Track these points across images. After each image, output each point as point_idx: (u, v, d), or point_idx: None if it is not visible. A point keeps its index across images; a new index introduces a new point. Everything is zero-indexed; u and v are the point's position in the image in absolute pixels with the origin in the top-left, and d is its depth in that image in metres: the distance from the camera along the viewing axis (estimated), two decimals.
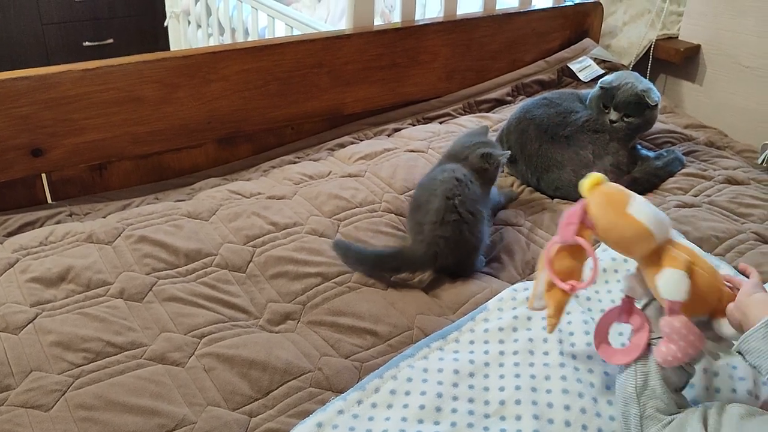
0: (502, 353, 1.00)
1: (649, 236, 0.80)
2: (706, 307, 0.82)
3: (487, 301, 1.11)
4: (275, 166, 1.59)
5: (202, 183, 1.52)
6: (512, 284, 1.17)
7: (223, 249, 1.22)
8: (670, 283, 0.78)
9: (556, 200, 1.44)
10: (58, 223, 1.35)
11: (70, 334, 1.01)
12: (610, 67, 2.03)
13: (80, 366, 0.98)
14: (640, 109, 1.44)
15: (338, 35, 1.65)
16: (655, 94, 1.45)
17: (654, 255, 0.82)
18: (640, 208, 0.81)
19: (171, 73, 1.45)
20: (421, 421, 0.88)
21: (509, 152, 1.31)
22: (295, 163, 1.60)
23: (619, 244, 0.84)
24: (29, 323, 1.04)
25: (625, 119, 1.45)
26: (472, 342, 1.02)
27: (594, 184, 0.86)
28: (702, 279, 0.80)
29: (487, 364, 0.98)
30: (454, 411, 0.90)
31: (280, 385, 0.97)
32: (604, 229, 0.83)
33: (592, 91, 1.51)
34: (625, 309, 0.89)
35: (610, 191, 0.84)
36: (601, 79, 1.49)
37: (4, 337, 1.01)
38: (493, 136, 1.63)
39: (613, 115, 1.45)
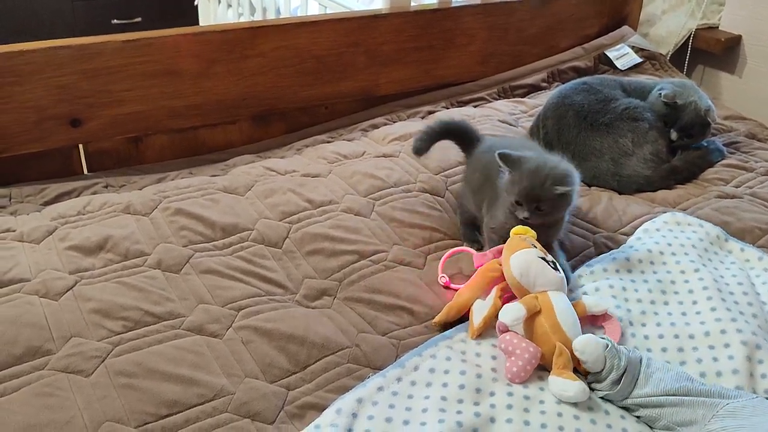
0: None
1: (521, 288, 0.98)
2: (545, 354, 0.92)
3: None
4: (308, 145, 1.59)
5: (236, 159, 1.52)
6: None
7: (259, 224, 1.22)
8: (506, 309, 0.95)
9: (593, 188, 1.42)
10: (94, 193, 1.35)
11: (109, 302, 1.02)
12: (648, 56, 2.00)
13: (119, 334, 0.98)
14: (702, 129, 1.45)
15: (376, 14, 1.64)
16: (715, 111, 1.45)
17: (519, 293, 0.99)
18: (514, 260, 0.98)
19: (210, 47, 1.45)
20: (461, 401, 0.88)
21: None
22: (328, 142, 1.59)
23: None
24: (69, 290, 1.04)
25: (686, 138, 1.45)
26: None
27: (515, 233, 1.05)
28: (539, 328, 0.93)
29: None
30: (492, 394, 0.89)
31: (318, 360, 0.97)
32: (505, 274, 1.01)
33: (654, 100, 1.48)
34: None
35: (507, 247, 1.02)
36: (663, 92, 1.46)
37: (44, 303, 1.01)
38: (528, 122, 1.62)
39: (674, 135, 1.45)
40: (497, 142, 1.25)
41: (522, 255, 0.98)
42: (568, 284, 1.01)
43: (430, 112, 1.73)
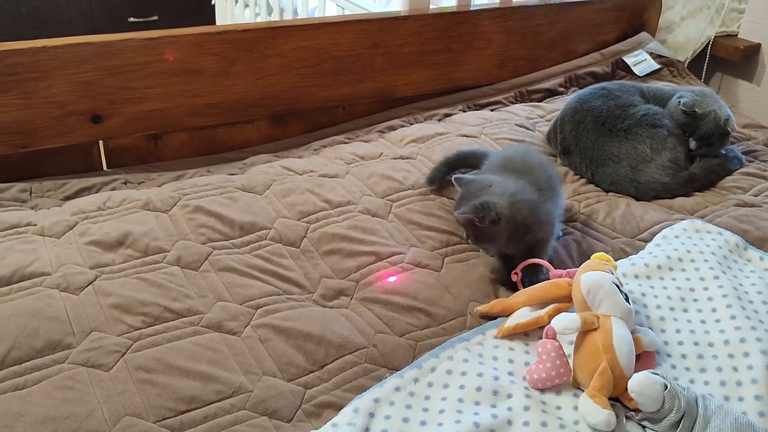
0: None
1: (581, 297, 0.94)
2: (586, 372, 0.89)
3: None
4: (326, 145, 1.59)
5: (254, 158, 1.52)
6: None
7: (277, 223, 1.22)
8: (562, 316, 0.92)
9: (611, 194, 1.42)
10: (113, 189, 1.36)
11: (128, 298, 1.03)
12: (666, 62, 1.99)
13: (139, 329, 0.99)
14: (721, 139, 1.44)
15: (395, 16, 1.64)
16: (734, 121, 1.45)
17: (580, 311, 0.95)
18: (586, 277, 0.95)
19: (230, 46, 1.45)
20: (477, 403, 0.88)
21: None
22: (345, 143, 1.60)
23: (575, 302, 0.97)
24: (89, 285, 1.05)
25: (704, 148, 1.45)
26: (526, 334, 1.01)
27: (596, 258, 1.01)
28: (590, 345, 0.90)
29: None
30: (509, 396, 0.89)
31: (335, 359, 0.97)
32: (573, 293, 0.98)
33: (673, 108, 1.48)
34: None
35: (584, 266, 0.99)
36: (682, 100, 1.45)
37: (65, 297, 1.02)
38: (545, 126, 1.62)
39: (693, 144, 1.45)
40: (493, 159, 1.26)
41: (595, 275, 0.94)
42: None
43: (447, 115, 1.73)
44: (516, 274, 1.11)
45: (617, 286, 0.94)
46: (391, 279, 1.12)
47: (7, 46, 1.27)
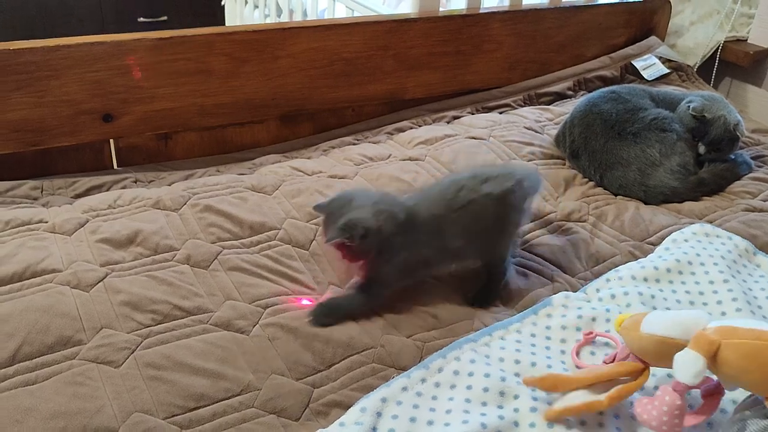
0: (563, 352, 0.99)
1: (670, 341, 0.79)
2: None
3: (549, 295, 1.10)
4: (335, 146, 1.60)
5: (263, 159, 1.53)
6: (574, 276, 1.17)
7: (286, 224, 1.23)
8: (679, 363, 0.75)
9: (619, 197, 1.42)
10: (123, 188, 1.37)
11: (138, 295, 1.03)
12: (675, 67, 1.99)
13: (148, 326, 0.99)
14: (730, 144, 1.44)
15: (405, 18, 1.65)
16: (743, 126, 1.45)
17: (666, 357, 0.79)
18: (651, 323, 0.82)
19: (241, 47, 1.46)
20: (484, 404, 0.88)
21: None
22: (354, 144, 1.60)
23: (654, 357, 0.83)
24: (99, 282, 1.06)
25: (714, 152, 1.45)
26: (533, 335, 1.01)
27: (618, 323, 0.88)
28: (744, 349, 0.72)
29: (549, 359, 0.96)
30: (516, 397, 0.89)
31: (343, 359, 0.98)
32: (638, 351, 0.84)
33: (682, 112, 1.48)
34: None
35: (626, 324, 0.86)
36: (692, 105, 1.45)
37: (75, 294, 1.03)
38: (554, 129, 1.62)
39: (702, 149, 1.45)
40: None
41: (652, 314, 0.82)
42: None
43: (456, 117, 1.74)
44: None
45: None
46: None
47: (21, 45, 1.28)
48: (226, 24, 3.08)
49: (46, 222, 1.19)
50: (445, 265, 1.13)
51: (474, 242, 1.08)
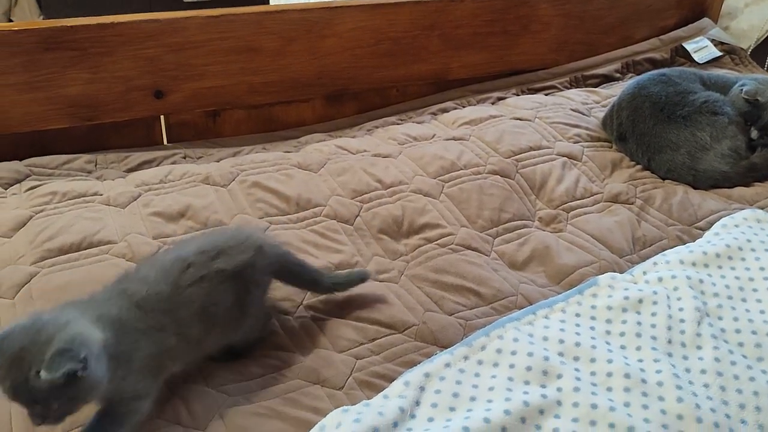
0: (608, 332, 0.98)
1: None
2: None
3: (594, 275, 1.10)
4: (378, 126, 1.61)
5: (308, 137, 1.55)
6: (621, 258, 1.16)
7: (331, 201, 1.24)
8: None
9: (667, 182, 1.40)
10: (173, 163, 1.40)
11: None
12: (727, 49, 1.94)
13: None
14: None
15: None
16: None
17: None
18: None
19: (289, 25, 1.48)
20: (527, 383, 0.88)
21: None
22: (398, 124, 1.61)
23: None
24: (153, 255, 1.09)
25: (766, 137, 1.42)
26: (578, 315, 1.01)
27: None
28: None
29: (593, 339, 0.96)
30: (559, 376, 0.89)
31: (386, 336, 0.99)
32: None
33: (735, 96, 1.45)
34: None
35: None
36: (745, 88, 1.42)
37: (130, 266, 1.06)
38: (601, 112, 1.60)
39: (754, 134, 1.42)
40: None
41: None
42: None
43: (500, 98, 1.73)
44: None
45: None
46: None
47: (76, 22, 1.32)
48: (270, 3, 3.10)
49: (101, 195, 1.22)
50: (195, 356, 0.89)
51: (214, 327, 0.88)
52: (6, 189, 1.25)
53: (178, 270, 0.86)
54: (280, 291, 1.05)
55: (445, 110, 1.66)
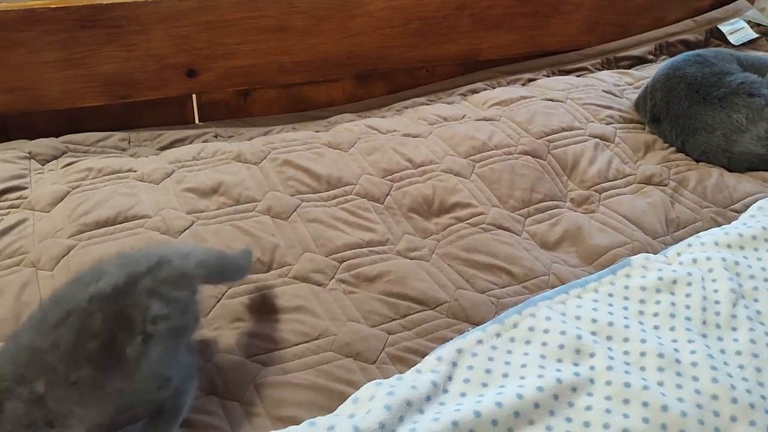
0: (641, 313, 0.98)
1: None
2: None
3: (627, 255, 1.09)
4: (408, 106, 1.60)
5: (338, 117, 1.55)
6: (655, 239, 1.15)
7: (362, 179, 1.25)
8: None
9: (701, 164, 1.38)
10: (205, 142, 1.42)
11: (223, 246, 1.07)
12: (764, 31, 1.90)
13: None
14: None
15: None
16: None
17: None
18: None
19: (320, 4, 1.47)
20: (560, 360, 0.89)
21: None
22: (427, 105, 1.60)
23: None
24: (186, 229, 1.10)
25: None
26: (611, 295, 1.01)
27: None
28: None
29: (626, 319, 0.96)
30: (592, 355, 0.89)
31: (417, 312, 1.00)
32: None
33: None
34: None
35: None
36: None
37: (164, 240, 1.08)
38: (634, 94, 1.58)
39: None
40: None
41: None
42: None
43: (531, 80, 1.71)
44: None
45: None
46: None
47: (112, 0, 1.33)
48: None
49: (135, 171, 1.24)
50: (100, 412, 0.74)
51: (109, 368, 0.73)
52: (43, 165, 1.28)
53: (57, 313, 0.72)
54: (312, 263, 1.06)
55: (474, 91, 1.65)
